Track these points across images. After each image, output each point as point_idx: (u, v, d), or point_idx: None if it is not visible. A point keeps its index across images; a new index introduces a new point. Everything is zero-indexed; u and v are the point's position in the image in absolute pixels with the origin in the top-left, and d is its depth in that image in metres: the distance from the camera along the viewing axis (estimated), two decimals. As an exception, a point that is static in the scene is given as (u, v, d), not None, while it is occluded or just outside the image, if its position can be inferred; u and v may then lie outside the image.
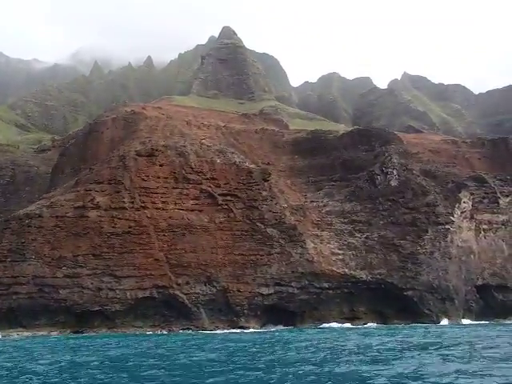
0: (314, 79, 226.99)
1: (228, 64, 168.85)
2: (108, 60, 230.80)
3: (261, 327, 57.10)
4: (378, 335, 42.43)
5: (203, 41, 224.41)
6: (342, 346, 33.42)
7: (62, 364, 27.63)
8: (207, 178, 63.20)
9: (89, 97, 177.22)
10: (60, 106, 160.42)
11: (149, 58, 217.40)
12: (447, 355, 26.67)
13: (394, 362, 24.55)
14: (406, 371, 21.47)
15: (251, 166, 66.92)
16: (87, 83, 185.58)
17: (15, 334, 51.76)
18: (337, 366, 23.94)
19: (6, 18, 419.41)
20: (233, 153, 68.60)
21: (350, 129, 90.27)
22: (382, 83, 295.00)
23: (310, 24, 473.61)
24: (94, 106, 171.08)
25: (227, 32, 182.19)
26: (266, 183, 64.83)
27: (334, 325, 58.58)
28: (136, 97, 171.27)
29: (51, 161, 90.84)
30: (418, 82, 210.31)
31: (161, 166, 63.02)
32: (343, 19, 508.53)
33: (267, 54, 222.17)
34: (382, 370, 22.04)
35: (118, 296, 55.17)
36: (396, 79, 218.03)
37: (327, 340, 38.14)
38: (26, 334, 51.97)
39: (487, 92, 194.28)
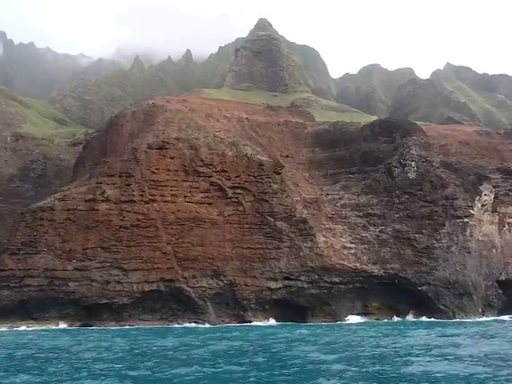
0: (355, 71, 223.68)
1: (262, 56, 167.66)
2: (151, 54, 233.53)
3: (265, 320, 56.38)
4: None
5: (244, 34, 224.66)
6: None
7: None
8: (217, 171, 62.82)
9: (127, 91, 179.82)
10: (98, 100, 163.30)
11: (188, 51, 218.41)
12: None
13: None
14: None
15: (263, 158, 66.04)
16: (125, 77, 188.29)
17: (25, 327, 52.79)
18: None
19: (53, 13, 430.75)
20: (246, 145, 67.86)
21: (372, 120, 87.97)
22: (424, 74, 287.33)
23: (352, 15, 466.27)
24: (131, 100, 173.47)
25: (262, 24, 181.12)
26: (277, 176, 63.93)
27: (355, 319, 57.46)
28: (174, 91, 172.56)
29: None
30: (462, 73, 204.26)
31: (171, 158, 63.02)
32: (386, 9, 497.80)
33: (308, 46, 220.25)
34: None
35: (126, 289, 55.64)
36: (439, 70, 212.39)
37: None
38: (35, 326, 52.95)
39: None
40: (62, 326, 53.68)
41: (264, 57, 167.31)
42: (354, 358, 27.39)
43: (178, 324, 54.61)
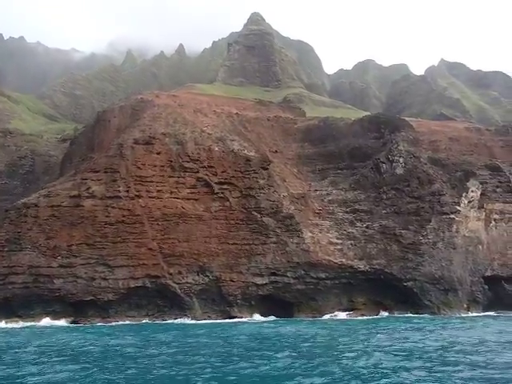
0: (350, 67, 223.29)
1: (255, 51, 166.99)
2: (144, 49, 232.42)
3: (251, 316, 56.22)
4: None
5: (239, 28, 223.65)
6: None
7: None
8: (204, 167, 62.54)
9: (118, 86, 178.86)
10: (88, 96, 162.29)
11: (181, 46, 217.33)
12: None
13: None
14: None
15: (250, 153, 65.76)
16: (117, 72, 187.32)
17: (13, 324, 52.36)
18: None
19: (44, 8, 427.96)
20: (233, 140, 67.55)
21: (361, 116, 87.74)
22: (419, 70, 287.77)
23: (347, 11, 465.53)
24: (123, 95, 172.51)
25: (255, 18, 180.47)
26: (264, 171, 63.70)
27: (341, 315, 57.46)
28: (167, 86, 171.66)
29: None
30: (456, 69, 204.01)
31: (158, 154, 62.68)
32: (381, 5, 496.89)
33: (302, 42, 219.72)
34: None
35: (111, 285, 55.31)
36: (433, 66, 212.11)
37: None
38: (21, 323, 52.57)
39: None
40: (47, 323, 53.28)
41: (257, 52, 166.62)
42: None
43: (163, 320, 54.46)
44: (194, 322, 53.21)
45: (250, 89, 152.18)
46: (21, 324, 51.62)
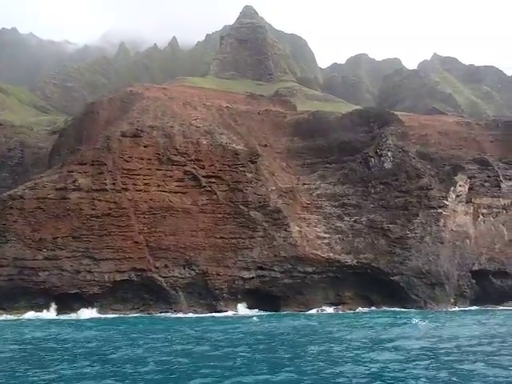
0: (343, 61, 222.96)
1: (247, 44, 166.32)
2: (138, 41, 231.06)
3: (237, 311, 56.10)
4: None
5: (232, 22, 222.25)
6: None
7: None
8: (192, 160, 62.18)
9: (110, 79, 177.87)
10: (80, 88, 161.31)
11: (174, 38, 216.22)
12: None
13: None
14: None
15: (238, 147, 65.45)
16: (109, 64, 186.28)
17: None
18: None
19: None
20: (222, 134, 67.18)
21: (351, 110, 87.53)
22: (412, 65, 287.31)
23: (341, 5, 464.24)
24: (115, 87, 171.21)
25: (248, 11, 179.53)
26: (252, 165, 63.43)
27: (328, 309, 57.49)
28: (159, 79, 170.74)
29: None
30: (448, 64, 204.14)
31: (145, 147, 62.25)
32: (375, 0, 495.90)
33: (295, 35, 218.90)
34: None
35: (96, 279, 55.03)
36: (426, 60, 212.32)
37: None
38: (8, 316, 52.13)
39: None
40: (32, 316, 52.88)
41: (249, 45, 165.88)
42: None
43: (149, 314, 54.25)
44: (179, 315, 52.95)
45: (242, 82, 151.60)
46: (3, 317, 51.20)
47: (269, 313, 55.48)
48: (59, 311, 53.49)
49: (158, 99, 76.80)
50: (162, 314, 54.04)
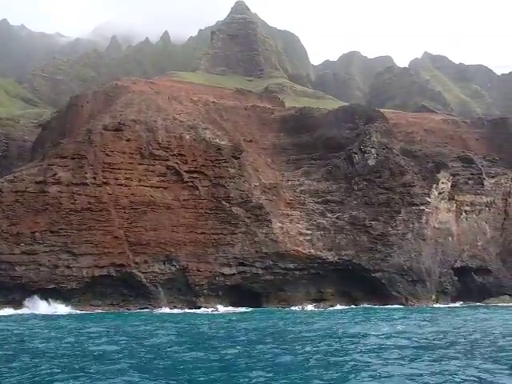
0: (336, 58, 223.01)
1: (238, 40, 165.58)
2: (130, 35, 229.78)
3: (214, 307, 55.66)
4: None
5: (224, 17, 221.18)
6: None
7: None
8: (174, 155, 61.62)
9: (100, 72, 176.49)
10: (69, 81, 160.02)
11: (166, 33, 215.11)
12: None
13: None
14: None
15: (222, 142, 64.96)
16: (100, 58, 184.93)
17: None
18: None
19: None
20: (205, 129, 66.65)
21: (337, 107, 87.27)
22: (404, 63, 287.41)
23: (334, 3, 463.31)
24: (104, 81, 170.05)
25: (239, 7, 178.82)
26: (235, 160, 62.93)
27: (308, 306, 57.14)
28: (150, 73, 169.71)
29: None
30: (439, 62, 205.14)
31: (127, 140, 61.56)
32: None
33: (288, 32, 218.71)
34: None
35: (75, 274, 54.41)
36: (417, 58, 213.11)
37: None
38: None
39: (510, 73, 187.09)
40: (8, 312, 52.14)
41: (240, 41, 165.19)
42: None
43: (128, 310, 53.77)
44: (159, 311, 52.51)
45: (233, 78, 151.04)
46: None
47: (251, 309, 54.99)
48: (36, 307, 52.85)
49: (144, 93, 76.07)
50: (143, 309, 53.52)
